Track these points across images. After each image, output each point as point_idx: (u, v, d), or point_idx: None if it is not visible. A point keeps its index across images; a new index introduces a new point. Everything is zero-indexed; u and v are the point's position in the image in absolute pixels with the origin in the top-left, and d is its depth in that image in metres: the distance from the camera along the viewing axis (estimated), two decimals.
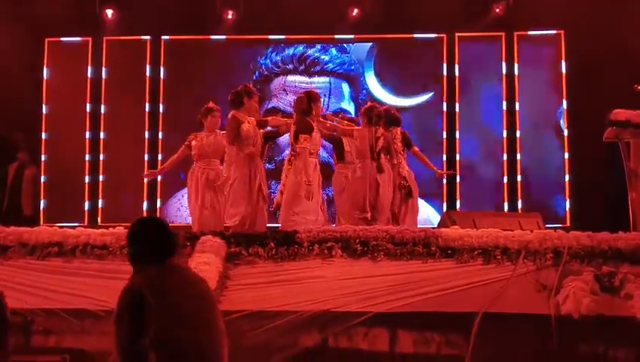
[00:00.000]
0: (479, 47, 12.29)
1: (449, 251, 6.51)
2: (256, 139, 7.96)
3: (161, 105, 12.31)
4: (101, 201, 12.12)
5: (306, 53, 12.43)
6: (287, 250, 6.57)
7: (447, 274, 6.38)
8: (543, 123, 12.11)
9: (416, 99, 12.22)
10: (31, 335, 6.35)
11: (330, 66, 12.41)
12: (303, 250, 6.56)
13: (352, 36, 12.40)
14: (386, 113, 8.63)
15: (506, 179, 12.03)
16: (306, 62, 12.41)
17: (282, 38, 12.48)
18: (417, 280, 6.32)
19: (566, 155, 11.87)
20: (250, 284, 6.35)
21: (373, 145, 8.21)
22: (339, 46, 12.48)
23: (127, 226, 4.13)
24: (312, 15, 11.73)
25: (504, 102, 12.12)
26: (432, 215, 11.84)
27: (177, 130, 10.63)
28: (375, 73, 12.33)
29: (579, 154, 11.68)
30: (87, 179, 12.13)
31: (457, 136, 12.11)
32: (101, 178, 12.15)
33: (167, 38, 12.36)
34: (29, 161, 11.28)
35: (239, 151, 7.83)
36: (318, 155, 8.24)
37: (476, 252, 6.47)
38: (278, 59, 12.43)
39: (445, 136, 12.13)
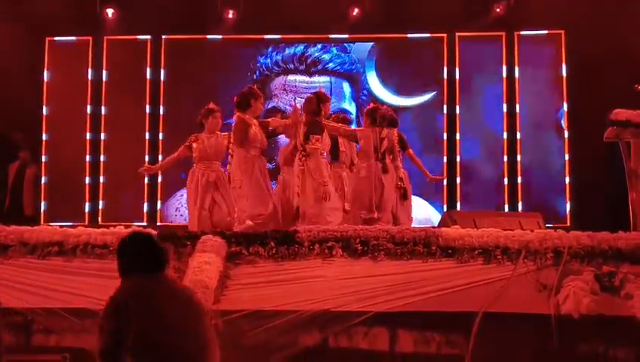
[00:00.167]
0: (479, 47, 12.28)
1: (449, 251, 6.51)
2: (263, 141, 8.05)
3: (162, 107, 12.30)
4: (102, 202, 12.11)
5: (307, 52, 12.42)
6: (287, 249, 6.56)
7: (448, 274, 6.38)
8: (543, 123, 12.11)
9: (418, 99, 12.23)
10: (31, 335, 6.35)
11: (331, 66, 12.41)
12: (304, 249, 6.56)
13: (352, 36, 12.39)
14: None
15: (506, 180, 12.03)
16: (307, 62, 12.40)
17: (283, 37, 12.48)
18: (418, 279, 6.32)
19: (566, 157, 11.88)
20: (251, 284, 6.35)
21: (377, 145, 8.22)
22: (340, 45, 12.48)
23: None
24: (312, 15, 11.73)
25: (504, 104, 12.12)
26: (432, 215, 11.84)
27: (178, 131, 10.61)
28: (376, 73, 12.33)
29: (579, 155, 11.67)
30: (87, 180, 12.12)
31: (458, 137, 12.11)
32: (101, 179, 12.14)
33: (168, 37, 12.35)
34: (30, 160, 11.26)
35: (246, 153, 7.88)
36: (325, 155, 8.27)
37: (477, 251, 6.46)
38: (279, 58, 12.42)
39: (446, 136, 12.13)
